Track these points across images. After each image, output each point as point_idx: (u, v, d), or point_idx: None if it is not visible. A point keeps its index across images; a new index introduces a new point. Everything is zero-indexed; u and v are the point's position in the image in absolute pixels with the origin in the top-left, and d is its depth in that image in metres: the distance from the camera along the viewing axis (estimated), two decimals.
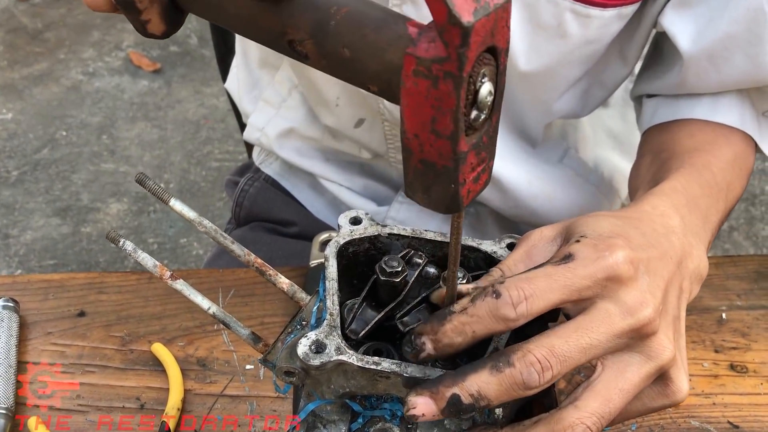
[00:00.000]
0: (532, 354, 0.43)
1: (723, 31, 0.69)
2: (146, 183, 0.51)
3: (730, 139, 0.73)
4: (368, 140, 0.86)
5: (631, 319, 0.44)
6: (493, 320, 0.44)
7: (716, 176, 0.66)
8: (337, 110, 0.85)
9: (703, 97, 0.75)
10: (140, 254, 0.51)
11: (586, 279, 0.45)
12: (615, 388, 0.44)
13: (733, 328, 0.74)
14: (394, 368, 0.44)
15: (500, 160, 0.82)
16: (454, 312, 0.45)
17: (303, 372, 0.46)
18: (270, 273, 0.52)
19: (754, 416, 0.66)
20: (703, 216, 0.60)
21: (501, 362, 0.43)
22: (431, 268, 0.51)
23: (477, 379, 0.43)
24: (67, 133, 2.48)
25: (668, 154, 0.71)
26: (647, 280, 0.46)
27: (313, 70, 0.83)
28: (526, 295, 0.43)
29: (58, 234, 2.18)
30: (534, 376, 0.42)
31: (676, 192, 0.60)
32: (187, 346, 0.71)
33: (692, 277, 0.53)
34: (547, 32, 0.71)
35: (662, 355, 0.46)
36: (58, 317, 0.74)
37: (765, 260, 0.81)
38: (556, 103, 0.80)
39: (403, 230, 0.51)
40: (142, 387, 0.68)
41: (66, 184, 2.31)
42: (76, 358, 0.71)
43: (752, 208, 2.25)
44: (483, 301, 0.44)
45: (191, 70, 2.75)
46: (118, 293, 0.76)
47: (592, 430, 0.43)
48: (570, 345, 0.43)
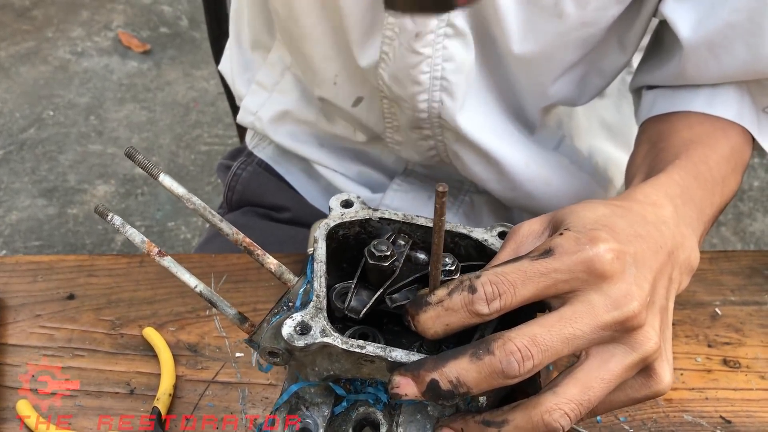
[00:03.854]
0: (513, 343, 0.43)
1: (724, 20, 0.68)
2: (136, 157, 0.50)
3: (728, 132, 0.73)
4: (366, 119, 0.86)
5: (616, 312, 0.44)
6: (466, 314, 0.44)
7: (712, 170, 0.66)
8: (335, 88, 0.84)
9: (701, 89, 0.75)
10: (128, 229, 0.50)
11: (561, 273, 0.45)
12: (596, 377, 0.44)
13: (726, 324, 0.74)
14: (379, 352, 0.44)
15: (498, 140, 0.82)
16: (430, 303, 0.45)
17: (287, 353, 0.46)
18: (258, 253, 0.51)
19: (746, 411, 0.67)
20: (698, 208, 0.60)
21: (481, 350, 0.43)
22: (421, 254, 0.51)
23: (456, 366, 0.43)
24: (54, 113, 2.45)
25: (665, 144, 0.71)
26: (634, 272, 0.46)
27: (310, 48, 0.83)
28: (500, 292, 0.44)
29: (44, 215, 2.15)
30: (513, 365, 0.42)
31: (671, 182, 0.59)
32: (178, 331, 0.71)
33: (682, 267, 0.52)
34: (544, 11, 0.71)
35: (646, 346, 0.45)
36: (47, 300, 0.73)
37: (759, 256, 0.81)
38: (552, 86, 0.79)
39: (394, 215, 0.51)
40: (133, 372, 0.68)
41: (52, 165, 2.29)
42: (65, 341, 0.70)
43: (740, 203, 2.26)
44: (459, 295, 0.44)
45: (181, 53, 2.72)
46: (108, 276, 0.75)
47: (569, 417, 0.43)
48: (552, 335, 0.43)
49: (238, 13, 0.96)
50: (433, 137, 0.83)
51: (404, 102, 0.78)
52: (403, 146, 0.86)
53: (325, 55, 0.82)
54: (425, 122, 0.80)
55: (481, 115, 0.81)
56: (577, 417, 0.44)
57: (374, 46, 0.76)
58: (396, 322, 0.51)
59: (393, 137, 0.85)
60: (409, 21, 0.71)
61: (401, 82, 0.76)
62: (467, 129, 0.79)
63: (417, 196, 0.94)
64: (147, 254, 0.50)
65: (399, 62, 0.75)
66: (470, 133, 0.80)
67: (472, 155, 0.83)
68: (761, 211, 2.25)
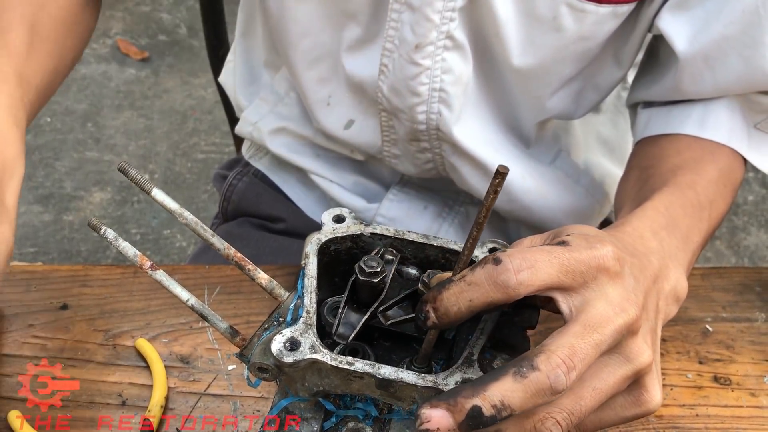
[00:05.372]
0: (556, 355, 0.41)
1: (719, 33, 0.69)
2: (129, 172, 0.50)
3: (717, 155, 0.74)
4: (358, 142, 0.87)
5: (623, 315, 0.44)
6: (492, 287, 0.42)
7: (699, 195, 0.67)
8: (327, 110, 0.85)
9: (694, 109, 0.75)
10: (121, 243, 0.50)
11: (581, 263, 0.44)
12: (588, 387, 0.44)
13: (717, 340, 0.74)
14: (368, 369, 0.44)
15: (495, 152, 0.83)
16: (453, 280, 0.43)
17: (276, 369, 0.46)
18: (249, 268, 0.52)
19: (736, 428, 0.67)
20: (684, 237, 0.61)
21: (524, 367, 0.41)
22: (412, 269, 0.51)
23: (500, 388, 0.40)
24: (51, 120, 2.45)
25: (654, 171, 0.72)
26: (631, 282, 0.47)
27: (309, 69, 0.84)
28: (527, 265, 0.42)
29: (39, 221, 2.15)
30: (561, 379, 0.41)
31: (657, 213, 0.60)
32: (171, 343, 0.71)
33: (668, 298, 0.53)
34: (543, 25, 0.72)
35: (640, 358, 0.45)
36: (40, 310, 0.73)
37: (750, 272, 0.82)
38: (549, 100, 0.80)
39: (385, 230, 0.51)
40: (125, 383, 0.68)
41: (49, 171, 2.29)
42: (58, 351, 0.70)
43: (735, 217, 2.27)
44: (482, 268, 0.43)
45: (179, 60, 2.73)
46: (102, 287, 0.75)
47: (560, 425, 0.43)
48: (586, 342, 0.42)
49: (248, 30, 0.97)
50: (430, 150, 0.83)
51: (403, 114, 0.79)
52: (400, 160, 0.87)
53: (316, 78, 0.83)
54: (423, 134, 0.81)
55: (478, 127, 0.82)
56: (568, 427, 0.43)
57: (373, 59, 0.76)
58: (387, 337, 0.51)
59: (390, 151, 0.86)
60: (410, 32, 0.72)
61: (400, 93, 0.77)
62: (463, 141, 0.80)
63: (413, 206, 0.95)
64: (140, 267, 0.50)
65: (398, 74, 0.75)
66: (467, 145, 0.80)
67: (470, 167, 0.84)
68: (755, 226, 2.25)
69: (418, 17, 0.71)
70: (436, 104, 0.77)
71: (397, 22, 0.73)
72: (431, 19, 0.71)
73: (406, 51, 0.73)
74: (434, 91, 0.76)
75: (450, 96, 0.76)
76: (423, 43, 0.72)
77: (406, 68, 0.74)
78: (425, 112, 0.78)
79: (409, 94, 0.76)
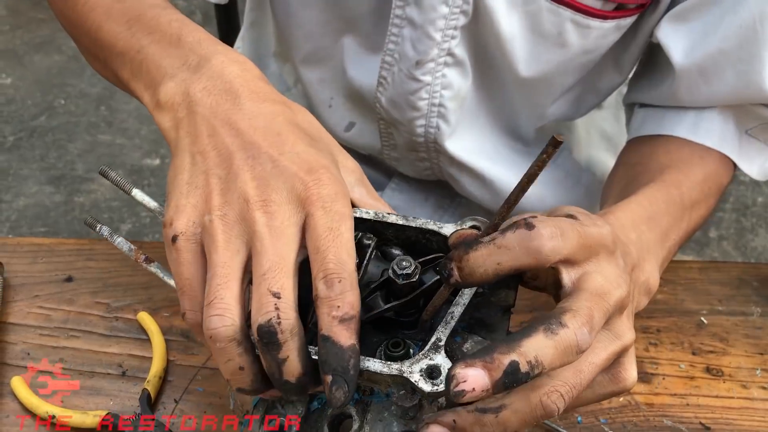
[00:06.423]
0: (580, 315, 0.42)
1: (715, 47, 0.70)
2: (109, 175, 0.54)
3: (705, 159, 0.74)
4: (359, 144, 0.88)
5: (619, 290, 0.45)
6: (523, 252, 0.42)
7: (683, 195, 0.67)
8: (329, 111, 0.86)
9: (688, 113, 0.76)
10: (116, 239, 0.53)
11: (590, 238, 0.45)
12: (586, 361, 0.45)
13: (712, 332, 0.75)
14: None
15: (491, 163, 0.84)
16: (482, 242, 0.43)
17: None
18: None
19: (725, 419, 0.67)
20: (663, 233, 0.62)
21: (554, 324, 0.41)
22: (396, 250, 0.51)
23: (533, 344, 0.40)
24: (65, 102, 2.48)
25: (642, 168, 0.73)
26: (621, 263, 0.48)
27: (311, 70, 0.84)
28: (559, 233, 0.43)
29: (50, 202, 2.18)
30: (587, 337, 0.41)
31: (640, 207, 0.61)
32: (172, 317, 0.72)
33: (641, 288, 0.55)
34: (548, 41, 0.72)
35: (626, 336, 0.47)
36: (45, 281, 0.75)
37: (748, 267, 0.82)
38: (550, 108, 0.82)
39: (365, 213, 0.51)
40: (125, 354, 0.69)
41: (61, 153, 2.31)
42: (61, 322, 0.72)
43: (743, 218, 2.26)
44: (514, 233, 0.42)
45: None
46: (106, 261, 0.77)
47: (564, 399, 0.43)
48: (599, 308, 0.43)
49: (257, 21, 0.98)
50: (428, 159, 0.84)
51: (401, 125, 0.80)
52: (400, 162, 0.88)
53: (322, 77, 0.84)
54: (421, 146, 0.82)
55: (474, 138, 0.83)
56: (570, 399, 0.44)
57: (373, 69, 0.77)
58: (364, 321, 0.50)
59: (390, 154, 0.87)
60: (410, 49, 0.73)
61: (399, 106, 0.78)
62: (459, 153, 0.81)
63: (415, 196, 0.95)
64: (135, 261, 0.52)
65: (398, 88, 0.76)
66: (462, 157, 0.82)
67: (467, 177, 0.85)
68: (764, 227, 2.25)
69: (420, 34, 0.71)
70: (434, 119, 0.78)
71: (397, 37, 0.73)
72: (433, 37, 0.71)
73: (407, 66, 0.74)
74: (433, 106, 0.77)
75: (448, 111, 0.77)
76: (424, 60, 0.73)
77: (406, 83, 0.75)
78: (423, 126, 0.79)
79: (409, 109, 0.77)
